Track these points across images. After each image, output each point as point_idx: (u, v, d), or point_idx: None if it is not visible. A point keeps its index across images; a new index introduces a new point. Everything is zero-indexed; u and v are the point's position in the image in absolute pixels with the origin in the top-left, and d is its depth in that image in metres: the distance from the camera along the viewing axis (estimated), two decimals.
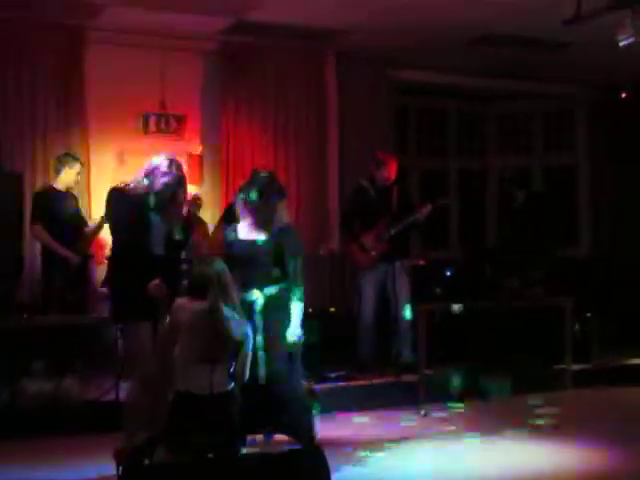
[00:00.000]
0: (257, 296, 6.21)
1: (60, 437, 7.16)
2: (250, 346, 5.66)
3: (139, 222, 6.03)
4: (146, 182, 6.06)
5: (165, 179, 6.04)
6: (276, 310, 6.29)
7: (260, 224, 6.30)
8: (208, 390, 5.41)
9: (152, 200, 6.06)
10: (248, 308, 6.15)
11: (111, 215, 6.31)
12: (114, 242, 6.27)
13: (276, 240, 6.33)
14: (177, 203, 6.17)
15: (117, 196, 6.17)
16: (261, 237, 6.35)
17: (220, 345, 5.48)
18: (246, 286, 6.20)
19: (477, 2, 9.19)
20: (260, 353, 6.20)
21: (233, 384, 5.56)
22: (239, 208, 6.44)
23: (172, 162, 6.12)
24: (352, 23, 9.96)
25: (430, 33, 10.16)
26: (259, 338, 6.21)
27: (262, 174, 6.47)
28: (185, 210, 6.62)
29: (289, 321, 6.37)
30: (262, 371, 6.23)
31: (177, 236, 6.20)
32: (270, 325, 6.28)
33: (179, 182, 6.14)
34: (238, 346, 5.54)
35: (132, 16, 9.48)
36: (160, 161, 6.11)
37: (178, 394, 5.48)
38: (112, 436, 6.08)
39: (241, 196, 6.41)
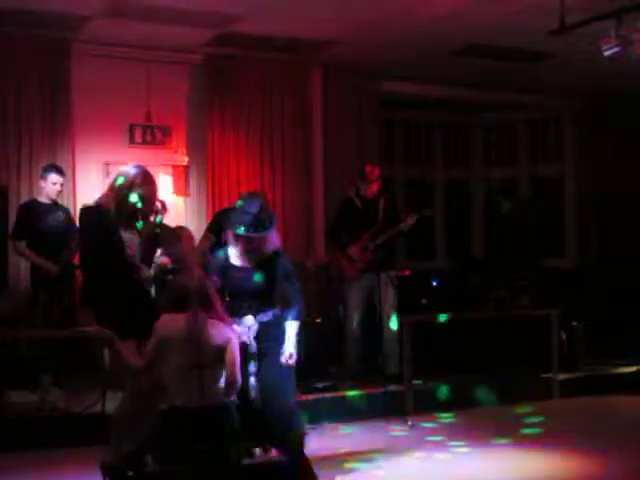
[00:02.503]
0: (251, 322, 6.12)
1: (46, 449, 7.12)
2: (237, 349, 5.60)
3: (114, 248, 5.89)
4: (120, 196, 5.91)
5: (142, 191, 5.94)
6: (271, 336, 6.19)
7: (250, 254, 6.19)
8: (199, 402, 5.36)
9: (125, 216, 5.95)
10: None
11: (86, 238, 6.12)
12: (89, 264, 6.06)
13: (267, 267, 6.22)
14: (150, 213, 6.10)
15: (90, 221, 6.00)
16: (252, 265, 6.24)
17: (204, 355, 5.45)
18: (240, 313, 6.11)
19: (460, 14, 9.22)
20: (252, 379, 6.09)
21: (229, 398, 5.51)
22: (227, 237, 6.29)
23: (146, 174, 6.04)
24: (337, 35, 9.98)
25: (415, 45, 10.18)
26: (253, 364, 6.11)
27: (251, 205, 6.14)
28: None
29: (283, 344, 6.24)
30: (255, 396, 6.09)
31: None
32: (265, 351, 6.17)
33: (154, 194, 6.08)
34: (222, 353, 5.50)
35: (117, 28, 9.49)
36: (135, 173, 6.00)
37: (169, 407, 5.44)
38: (98, 448, 6.05)
39: (230, 227, 6.25)
